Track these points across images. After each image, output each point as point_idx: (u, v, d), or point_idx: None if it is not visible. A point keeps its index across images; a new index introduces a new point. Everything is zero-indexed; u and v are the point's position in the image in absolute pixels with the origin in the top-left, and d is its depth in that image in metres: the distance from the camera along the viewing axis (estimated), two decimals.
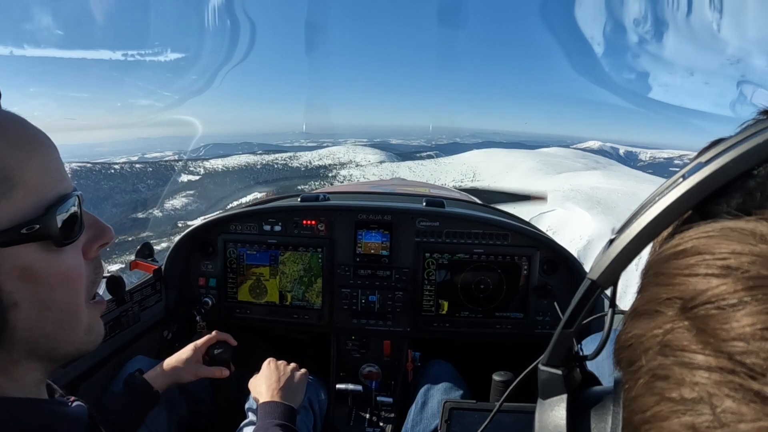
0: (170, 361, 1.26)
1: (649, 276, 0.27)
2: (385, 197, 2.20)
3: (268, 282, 1.70)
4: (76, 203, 0.52)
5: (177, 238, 1.67)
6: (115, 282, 1.21)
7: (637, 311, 0.27)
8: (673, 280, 0.25)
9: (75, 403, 0.58)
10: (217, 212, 1.82)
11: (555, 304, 1.56)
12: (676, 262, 0.25)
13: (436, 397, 1.44)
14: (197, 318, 1.63)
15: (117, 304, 1.43)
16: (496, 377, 1.31)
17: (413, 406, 1.45)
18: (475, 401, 1.13)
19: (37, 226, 0.47)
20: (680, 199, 0.28)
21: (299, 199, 1.71)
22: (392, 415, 1.58)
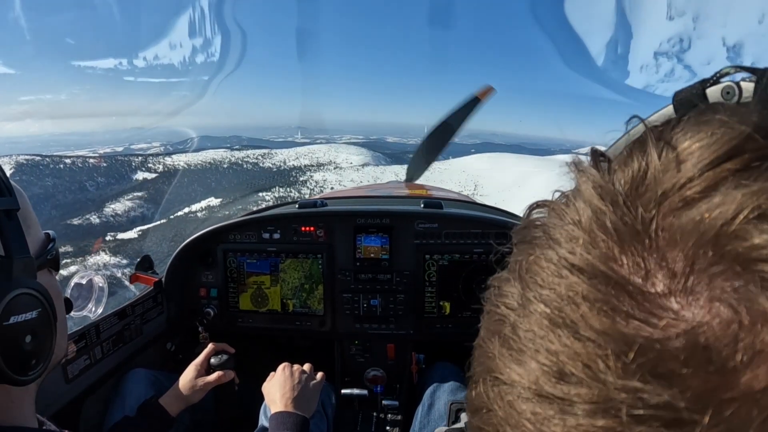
0: (178, 387, 1.34)
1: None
2: (382, 200, 2.32)
3: (270, 290, 1.80)
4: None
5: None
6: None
7: None
8: None
9: None
10: (161, 220, 1.95)
11: None
12: None
13: (442, 399, 1.54)
14: (200, 329, 1.72)
15: (119, 318, 1.51)
16: None
17: (420, 409, 1.55)
18: None
19: (54, 253, 0.65)
20: None
21: (297, 206, 1.81)
22: (399, 417, 1.69)
